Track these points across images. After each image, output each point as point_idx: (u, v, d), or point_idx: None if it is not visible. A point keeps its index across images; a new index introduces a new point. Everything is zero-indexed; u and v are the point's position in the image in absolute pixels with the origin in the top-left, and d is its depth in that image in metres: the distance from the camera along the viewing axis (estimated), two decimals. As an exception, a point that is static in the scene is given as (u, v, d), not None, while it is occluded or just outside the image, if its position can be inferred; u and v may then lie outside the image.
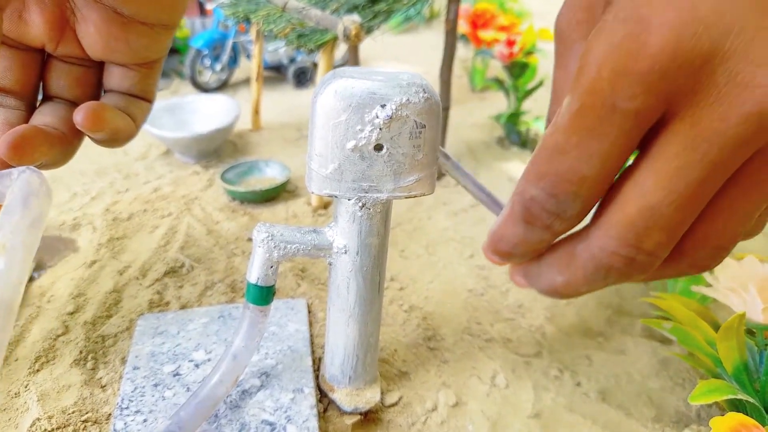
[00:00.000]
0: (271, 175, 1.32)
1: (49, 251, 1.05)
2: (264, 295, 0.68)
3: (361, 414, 0.75)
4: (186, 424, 0.66)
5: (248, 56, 1.88)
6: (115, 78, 0.35)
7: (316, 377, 0.78)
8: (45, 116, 0.35)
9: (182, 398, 0.73)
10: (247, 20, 1.24)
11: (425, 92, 0.58)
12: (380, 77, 0.60)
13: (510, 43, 1.42)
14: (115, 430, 0.69)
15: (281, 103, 1.79)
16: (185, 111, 1.45)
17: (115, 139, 0.36)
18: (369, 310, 0.71)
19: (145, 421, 0.70)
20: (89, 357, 0.83)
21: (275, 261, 0.66)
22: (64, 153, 0.34)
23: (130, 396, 0.73)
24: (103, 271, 1.01)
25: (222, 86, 1.86)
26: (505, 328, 0.94)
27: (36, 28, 0.32)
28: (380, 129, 0.60)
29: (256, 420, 0.70)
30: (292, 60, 1.87)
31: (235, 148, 1.48)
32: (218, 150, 1.42)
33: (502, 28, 1.70)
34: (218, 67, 1.80)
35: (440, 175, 1.36)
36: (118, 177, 1.35)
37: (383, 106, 0.59)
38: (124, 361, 0.82)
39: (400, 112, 0.59)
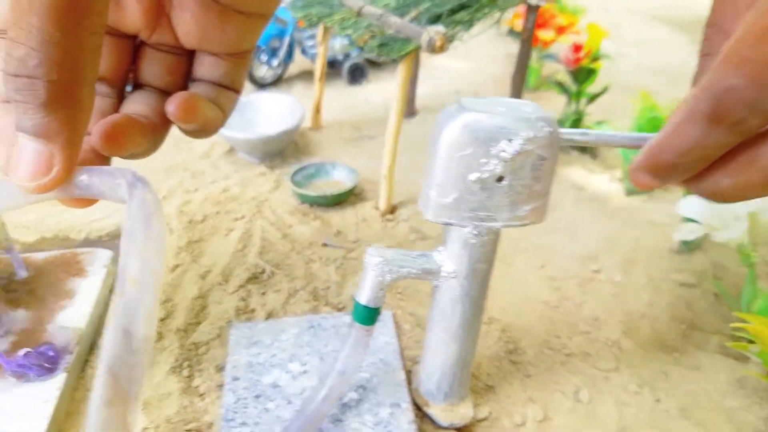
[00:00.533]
0: (337, 178, 1.34)
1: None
2: (372, 315, 0.69)
3: (456, 429, 0.77)
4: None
5: (303, 51, 1.89)
6: (205, 67, 0.34)
7: (409, 391, 0.80)
8: (135, 104, 0.34)
9: (284, 410, 0.75)
10: (318, 24, 1.25)
11: (549, 126, 0.59)
12: (503, 109, 0.61)
13: (577, 49, 1.41)
14: (225, 441, 0.72)
15: (336, 100, 1.80)
16: (249, 110, 1.47)
17: (204, 129, 0.35)
18: (471, 332, 0.73)
19: (251, 432, 0.72)
20: (185, 365, 0.86)
21: (386, 284, 0.68)
22: (154, 143, 0.33)
23: (234, 407, 0.76)
24: (186, 275, 1.03)
25: (276, 81, 1.87)
26: (583, 341, 0.95)
27: (132, 14, 0.32)
28: (504, 162, 0.61)
29: (359, 435, 0.72)
30: (347, 56, 1.88)
31: (297, 148, 1.50)
32: (282, 150, 1.44)
33: (561, 29, 1.69)
34: (275, 62, 1.81)
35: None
36: (186, 176, 1.37)
37: (510, 140, 0.60)
38: (218, 369, 0.85)
39: (525, 147, 0.60)
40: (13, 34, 0.22)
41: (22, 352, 0.80)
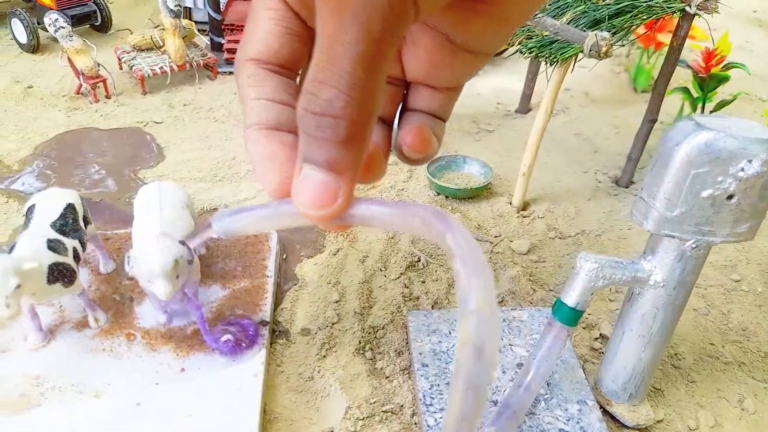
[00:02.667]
0: (468, 171, 1.37)
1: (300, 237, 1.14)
2: (577, 318, 0.73)
3: (639, 430, 0.81)
4: (506, 429, 0.73)
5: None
6: (422, 98, 0.35)
7: (592, 389, 0.83)
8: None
9: (476, 399, 0.80)
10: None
11: (787, 148, 0.62)
12: (735, 128, 0.63)
13: (710, 56, 1.41)
14: (427, 425, 0.76)
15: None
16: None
17: (426, 158, 0.38)
18: (666, 338, 0.76)
19: (452, 418, 0.77)
20: (366, 347, 0.91)
21: (596, 289, 0.71)
22: (382, 172, 0.35)
23: (430, 393, 0.80)
24: (347, 259, 1.08)
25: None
26: (736, 351, 0.98)
27: None
28: (739, 181, 0.63)
29: (554, 428, 0.76)
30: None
31: (420, 138, 1.53)
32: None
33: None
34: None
35: (629, 183, 1.38)
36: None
37: (750, 161, 0.62)
38: (397, 353, 0.90)
39: (763, 168, 0.62)
40: (323, 76, 0.24)
41: (220, 326, 0.86)
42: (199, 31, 2.00)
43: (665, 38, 1.69)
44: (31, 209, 0.84)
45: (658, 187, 0.66)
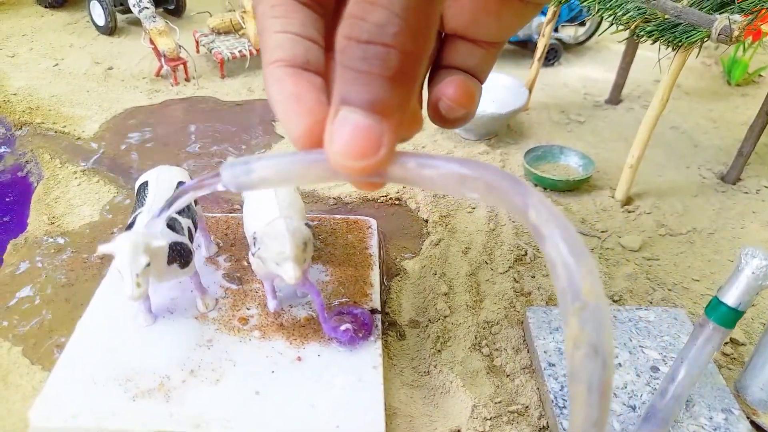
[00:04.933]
0: (565, 163, 1.31)
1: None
2: (737, 319, 0.66)
3: (790, 443, 0.74)
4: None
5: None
6: (459, 54, 0.31)
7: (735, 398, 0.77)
8: None
9: (614, 403, 0.74)
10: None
11: None
12: None
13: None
14: (563, 428, 0.71)
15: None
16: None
17: (464, 119, 0.31)
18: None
19: (589, 422, 0.72)
20: (483, 343, 0.86)
21: (764, 288, 0.65)
22: (420, 126, 0.29)
23: (561, 395, 0.75)
24: (450, 250, 1.03)
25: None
26: None
27: None
28: None
29: (701, 438, 0.70)
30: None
31: (509, 128, 1.47)
32: (498, 129, 1.42)
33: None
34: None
35: (737, 180, 1.30)
36: (408, 148, 1.37)
37: None
38: (515, 350, 0.85)
39: None
40: None
41: (332, 315, 0.82)
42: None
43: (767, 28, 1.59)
44: (143, 186, 0.82)
45: None
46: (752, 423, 0.75)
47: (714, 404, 0.75)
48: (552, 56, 1.86)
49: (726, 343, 0.89)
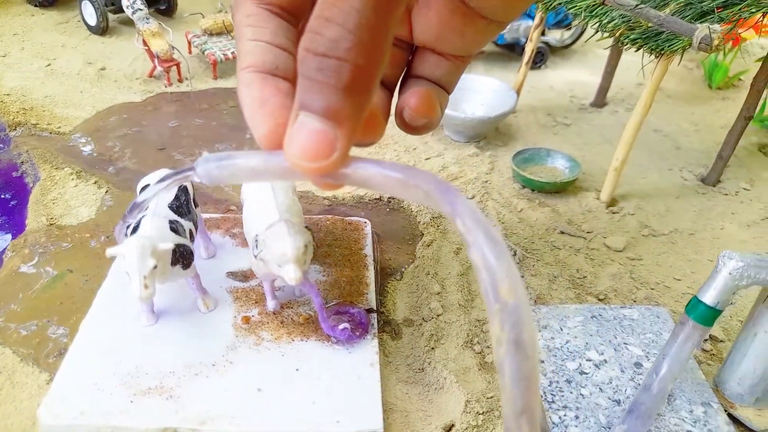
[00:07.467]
0: (552, 165, 1.35)
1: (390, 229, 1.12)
2: (715, 317, 0.70)
3: (766, 435, 0.78)
4: (637, 429, 0.71)
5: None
6: (428, 65, 0.33)
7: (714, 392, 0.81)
8: None
9: (600, 398, 0.78)
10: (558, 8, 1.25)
11: None
12: None
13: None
14: (552, 422, 0.75)
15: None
16: (459, 89, 1.48)
17: (428, 127, 0.33)
18: (804, 342, 0.73)
19: (576, 417, 0.75)
20: (474, 340, 0.89)
21: (739, 288, 0.69)
22: (381, 134, 0.31)
23: (550, 390, 0.79)
24: (442, 251, 1.07)
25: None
26: None
27: None
28: None
29: (682, 430, 0.74)
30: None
31: (497, 131, 1.51)
32: (487, 132, 1.45)
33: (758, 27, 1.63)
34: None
35: (716, 182, 1.34)
36: (400, 150, 1.40)
37: None
38: (505, 347, 0.88)
39: None
40: (329, 14, 0.22)
41: (330, 314, 0.85)
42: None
43: (747, 34, 1.64)
44: (145, 190, 0.84)
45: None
46: (729, 416, 0.79)
47: (694, 398, 0.79)
48: (539, 59, 1.89)
49: (705, 340, 0.93)
